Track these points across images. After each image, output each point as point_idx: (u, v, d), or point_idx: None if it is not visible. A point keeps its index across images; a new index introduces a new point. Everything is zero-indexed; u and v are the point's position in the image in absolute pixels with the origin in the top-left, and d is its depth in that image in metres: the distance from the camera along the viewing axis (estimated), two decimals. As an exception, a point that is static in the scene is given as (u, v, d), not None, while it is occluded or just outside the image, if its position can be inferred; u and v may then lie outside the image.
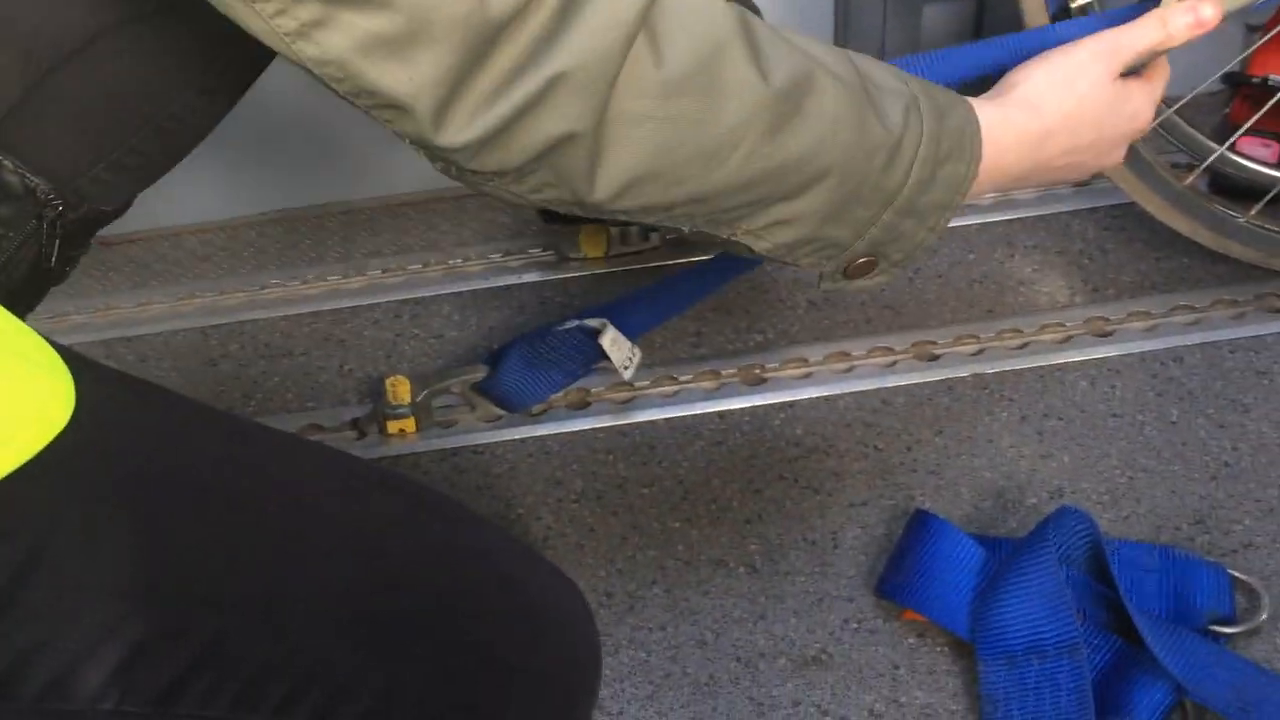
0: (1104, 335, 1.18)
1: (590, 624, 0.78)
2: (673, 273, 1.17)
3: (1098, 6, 1.02)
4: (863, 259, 0.77)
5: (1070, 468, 1.09)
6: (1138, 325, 1.19)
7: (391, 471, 0.81)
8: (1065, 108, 0.80)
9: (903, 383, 1.17)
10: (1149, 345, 1.17)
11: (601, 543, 1.08)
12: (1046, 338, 1.19)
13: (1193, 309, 1.19)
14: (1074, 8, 1.03)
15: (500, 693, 0.73)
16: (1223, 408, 1.12)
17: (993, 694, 0.93)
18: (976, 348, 1.19)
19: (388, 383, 1.16)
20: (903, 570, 1.00)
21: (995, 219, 1.28)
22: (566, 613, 0.77)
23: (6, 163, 0.70)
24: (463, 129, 0.62)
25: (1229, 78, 1.21)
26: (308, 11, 0.58)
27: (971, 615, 0.96)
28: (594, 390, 1.18)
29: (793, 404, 1.16)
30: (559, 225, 1.28)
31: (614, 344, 1.08)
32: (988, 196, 1.28)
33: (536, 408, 1.17)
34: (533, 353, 1.12)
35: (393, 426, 1.15)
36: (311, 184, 1.35)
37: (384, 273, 1.30)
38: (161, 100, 0.75)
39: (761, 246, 0.75)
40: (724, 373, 1.19)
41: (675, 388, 1.18)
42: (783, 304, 1.23)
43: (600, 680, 0.79)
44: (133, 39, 0.71)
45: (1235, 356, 1.16)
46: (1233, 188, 1.19)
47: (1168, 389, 1.14)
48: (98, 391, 0.64)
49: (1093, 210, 1.27)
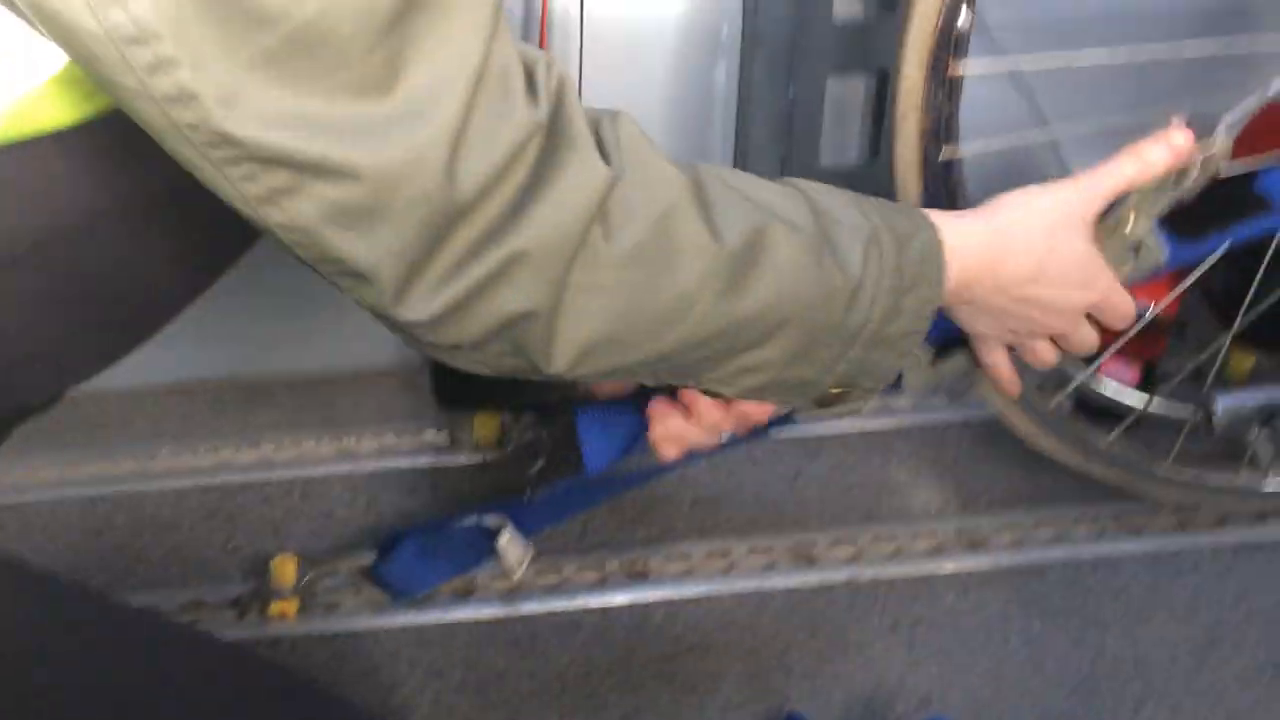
0: (974, 546, 1.23)
1: None
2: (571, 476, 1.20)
3: (963, 165, 1.05)
4: (835, 390, 0.79)
5: (938, 677, 1.13)
6: (1006, 538, 1.24)
7: (253, 658, 0.81)
8: (1033, 234, 0.81)
9: (781, 584, 1.20)
10: (1016, 559, 1.22)
11: (478, 736, 1.08)
12: (920, 546, 1.23)
13: (1057, 525, 1.25)
14: (942, 159, 1.06)
15: None
16: (1082, 624, 1.17)
17: None
18: (853, 552, 1.23)
19: (273, 563, 1.16)
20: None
21: (875, 427, 1.33)
22: None
23: None
24: (422, 303, 0.64)
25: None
26: (276, 179, 0.60)
27: None
28: (478, 579, 1.19)
29: (674, 601, 1.19)
30: (455, 410, 1.30)
31: (509, 544, 1.11)
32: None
33: (420, 594, 1.18)
34: (426, 543, 1.14)
35: (275, 608, 1.16)
36: (211, 356, 1.37)
37: (277, 448, 1.31)
38: (113, 307, 0.77)
39: (730, 393, 0.76)
40: (608, 566, 1.21)
41: (559, 579, 1.20)
42: (668, 500, 1.27)
43: None
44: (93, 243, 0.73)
45: (1095, 574, 1.21)
46: (1098, 409, 1.26)
47: (1032, 602, 1.19)
48: None
49: (967, 423, 1.33)
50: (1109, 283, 0.85)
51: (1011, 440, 1.22)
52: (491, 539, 1.12)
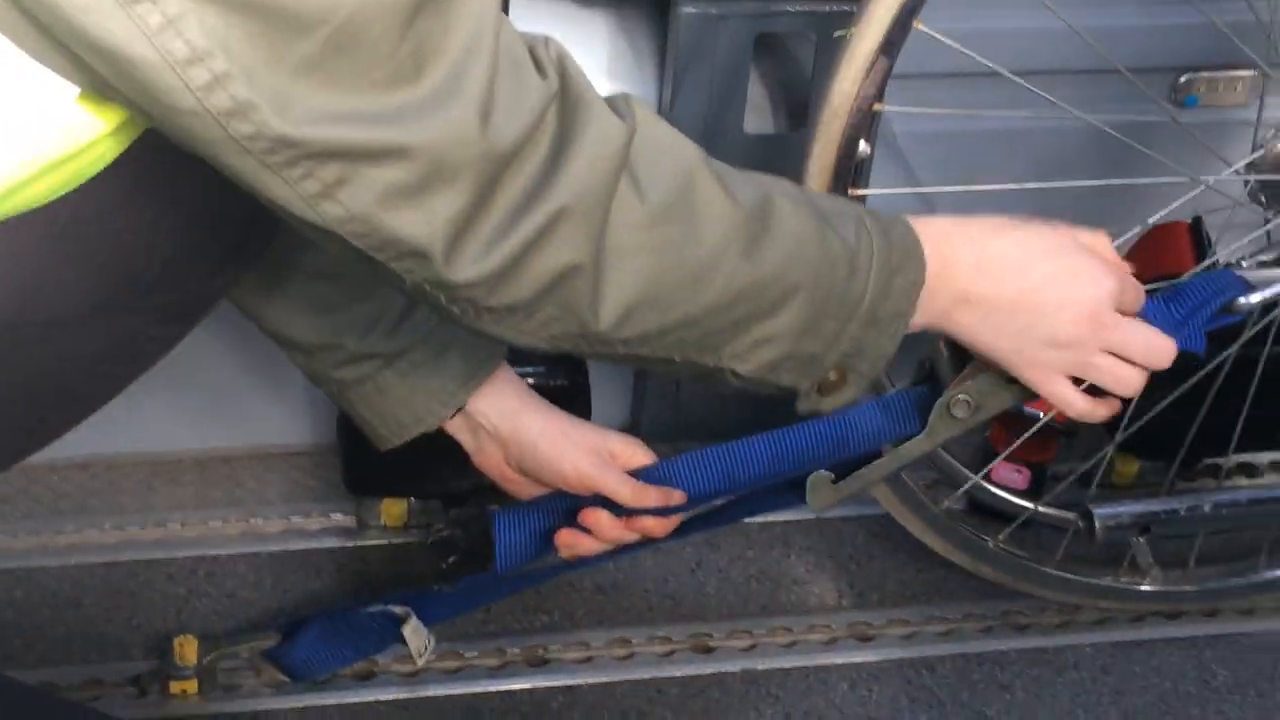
0: (865, 640, 1.27)
1: None
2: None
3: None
4: (834, 374, 0.84)
5: (828, 768, 1.16)
6: (896, 632, 1.28)
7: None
8: (999, 220, 0.86)
9: (678, 674, 1.23)
10: (906, 653, 1.26)
11: (375, 821, 1.09)
12: (814, 638, 1.27)
13: (946, 620, 1.29)
14: None
15: None
16: (968, 718, 1.21)
17: None
18: (749, 643, 1.26)
19: (175, 642, 1.16)
20: None
21: (775, 519, 1.37)
22: None
23: None
24: (476, 264, 0.69)
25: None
26: (331, 173, 0.65)
27: None
28: (380, 662, 1.21)
29: (573, 688, 1.21)
30: (363, 493, 1.32)
31: (414, 633, 1.13)
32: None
33: (321, 676, 1.19)
34: (331, 628, 1.15)
35: (175, 687, 1.16)
36: (116, 431, 1.36)
37: (182, 526, 1.31)
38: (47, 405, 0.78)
39: (746, 369, 0.81)
40: (509, 651, 1.23)
41: (459, 664, 1.22)
42: (571, 586, 1.29)
43: None
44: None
45: (982, 669, 1.25)
46: (988, 510, 1.31)
47: (919, 696, 1.22)
48: None
49: (862, 517, 1.37)
50: (1106, 273, 0.85)
51: (903, 537, 1.27)
52: (395, 625, 1.13)
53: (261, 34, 0.60)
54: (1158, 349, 0.87)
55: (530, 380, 1.15)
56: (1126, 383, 0.87)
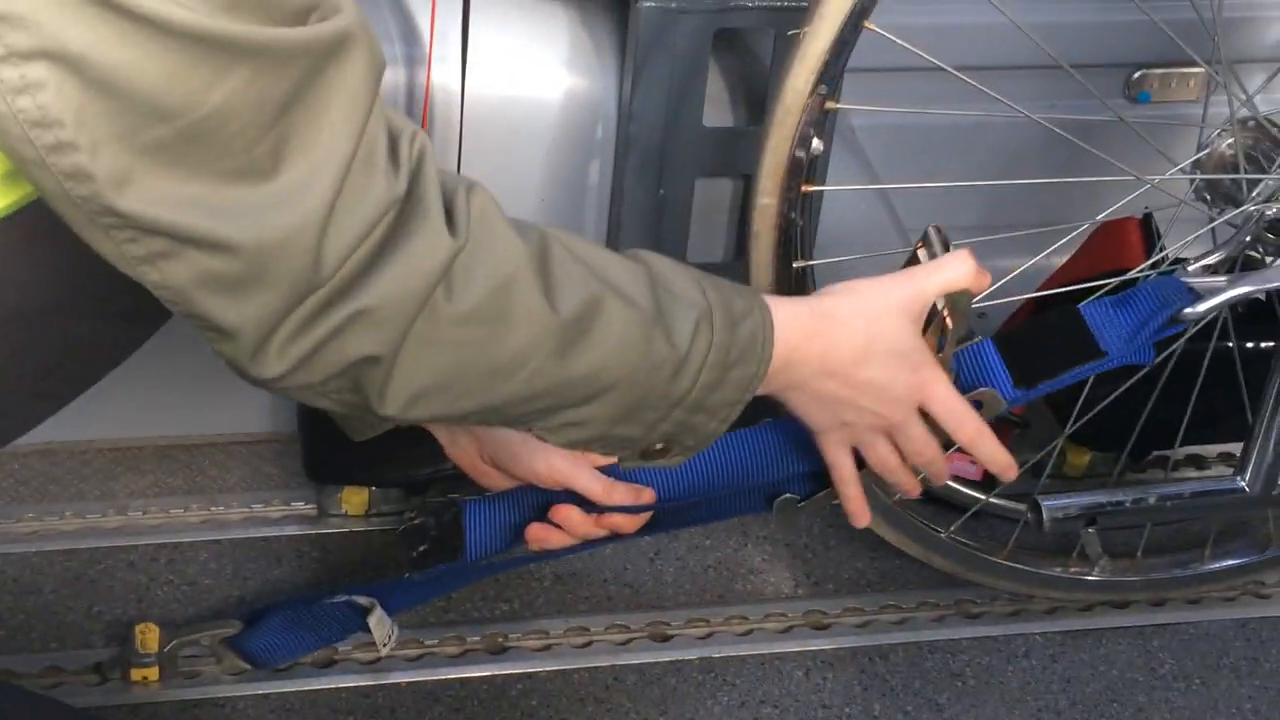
0: (821, 628, 1.29)
1: None
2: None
3: (812, 275, 1.09)
4: (658, 445, 0.85)
5: (782, 755, 1.18)
6: (851, 621, 1.30)
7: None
8: (856, 317, 0.87)
9: (635, 661, 1.24)
10: (860, 641, 1.28)
11: (333, 807, 1.10)
12: (770, 626, 1.28)
13: (900, 609, 1.31)
14: (795, 267, 1.09)
15: None
16: (920, 706, 1.23)
17: None
18: (706, 631, 1.27)
19: (137, 629, 1.17)
20: None
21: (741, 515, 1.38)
22: None
23: None
24: (275, 360, 0.70)
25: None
26: (156, 245, 0.65)
27: None
28: (341, 649, 1.22)
29: (531, 675, 1.22)
30: (324, 481, 1.33)
31: (379, 623, 1.14)
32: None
33: (283, 664, 1.20)
34: (294, 617, 1.16)
35: (136, 674, 1.17)
36: (78, 419, 1.37)
37: (144, 514, 1.32)
38: None
39: (555, 441, 0.83)
40: (468, 639, 1.24)
41: (420, 651, 1.23)
42: (530, 575, 1.30)
43: None
44: None
45: (934, 657, 1.27)
46: (941, 501, 1.33)
47: (873, 684, 1.24)
48: None
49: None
50: (936, 374, 0.91)
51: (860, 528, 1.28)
52: (359, 615, 1.14)
53: (119, 113, 0.60)
54: (929, 457, 0.95)
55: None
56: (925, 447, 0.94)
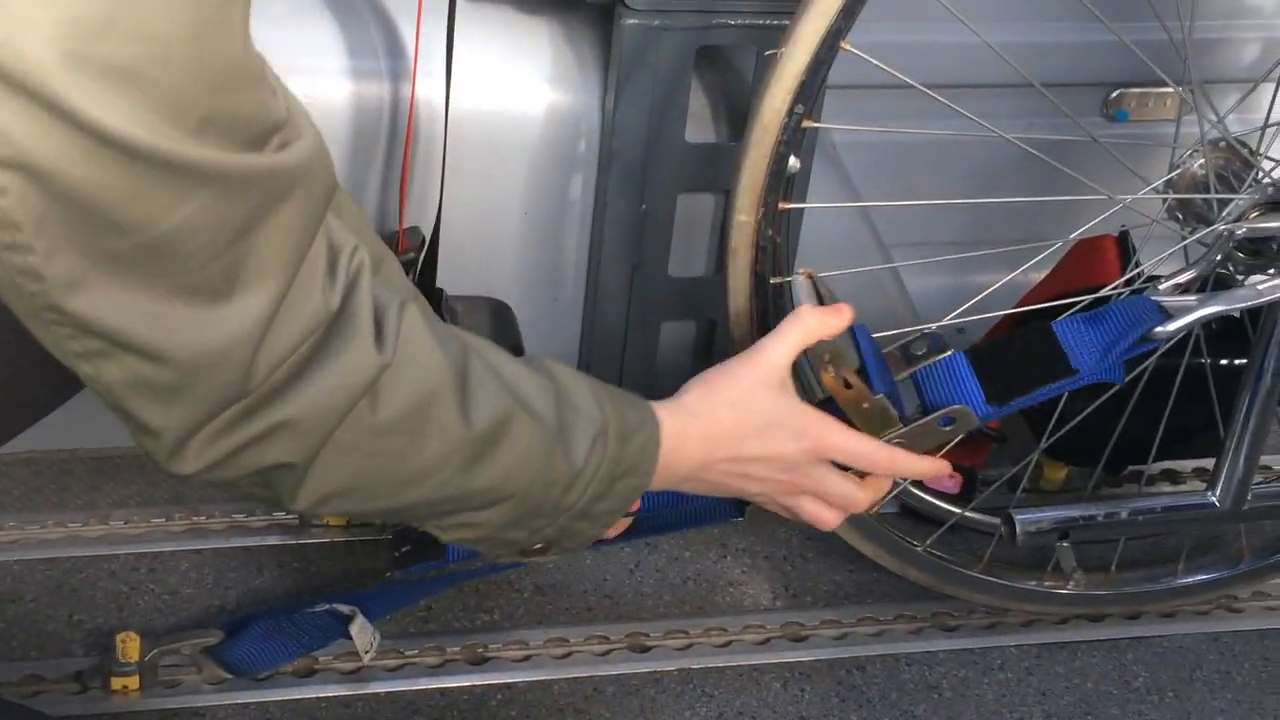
0: (798, 640, 1.30)
1: None
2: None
3: (790, 291, 1.10)
4: (538, 545, 0.88)
5: (759, 765, 1.19)
6: (829, 633, 1.31)
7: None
8: (718, 410, 0.91)
9: (614, 672, 1.25)
10: (837, 653, 1.29)
11: (312, 816, 1.11)
12: (748, 638, 1.29)
13: (877, 621, 1.32)
14: (773, 283, 1.10)
15: None
16: (896, 717, 1.24)
17: None
18: (685, 642, 1.28)
19: (118, 638, 1.17)
20: None
21: (715, 523, 1.39)
22: None
23: None
24: (191, 460, 0.71)
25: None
26: (94, 344, 0.66)
27: None
28: (321, 658, 1.22)
29: (511, 686, 1.23)
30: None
31: (360, 631, 1.15)
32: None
33: (263, 673, 1.20)
34: (275, 626, 1.16)
35: (117, 683, 1.17)
36: (59, 428, 1.37)
37: (126, 523, 1.32)
38: None
39: (445, 539, 0.86)
40: (449, 650, 1.25)
41: (400, 661, 1.23)
42: (510, 586, 1.31)
43: None
44: None
45: (911, 669, 1.28)
46: (918, 514, 1.34)
47: (850, 696, 1.25)
48: None
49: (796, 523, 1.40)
50: (823, 428, 0.93)
51: (837, 539, 1.29)
52: (341, 623, 1.15)
53: (79, 223, 0.61)
54: (857, 501, 0.97)
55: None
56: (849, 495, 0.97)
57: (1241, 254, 1.09)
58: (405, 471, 0.78)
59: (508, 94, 1.28)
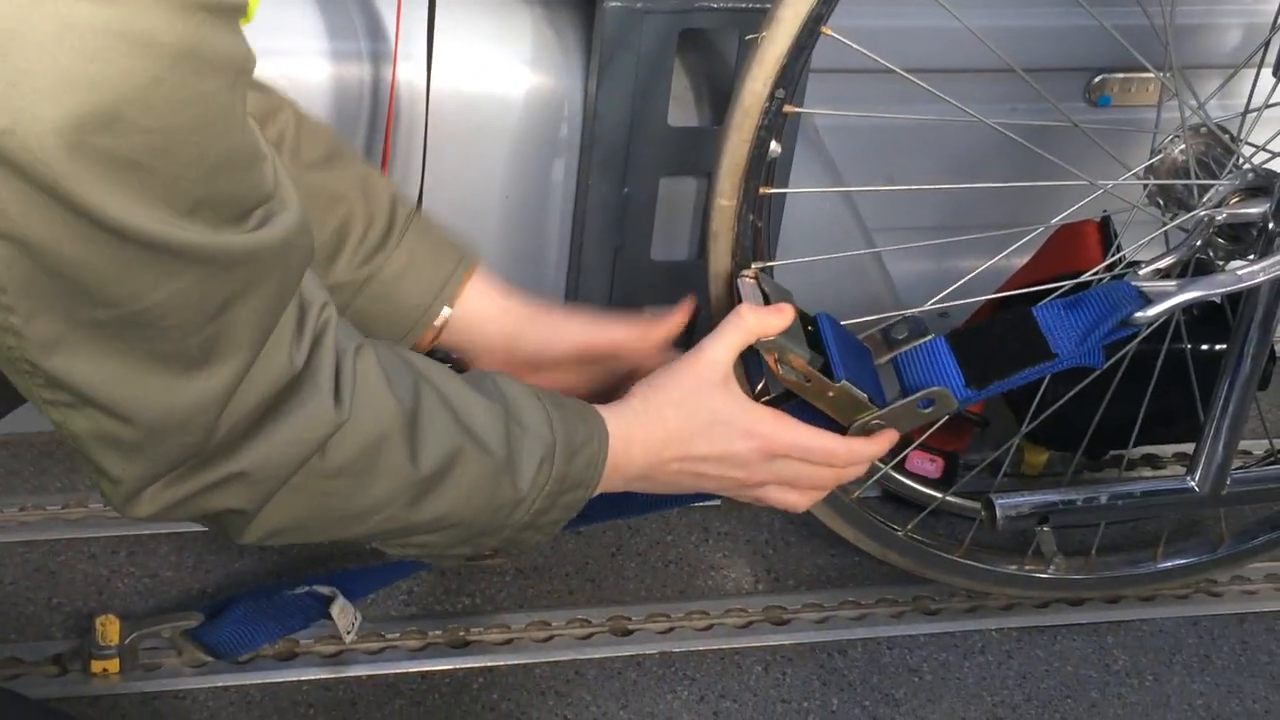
0: (780, 624, 1.30)
1: None
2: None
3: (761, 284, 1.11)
4: (485, 553, 0.91)
5: (739, 749, 1.19)
6: (810, 616, 1.31)
7: (61, 714, 0.84)
8: (664, 411, 0.91)
9: (596, 655, 1.25)
10: (819, 636, 1.29)
11: (293, 799, 1.11)
12: (730, 621, 1.30)
13: (859, 605, 1.32)
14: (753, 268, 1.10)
15: None
16: (877, 701, 1.24)
17: None
18: (667, 626, 1.29)
19: (98, 621, 1.17)
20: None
21: (694, 506, 1.39)
22: None
23: None
24: (145, 505, 0.73)
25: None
26: (64, 397, 0.68)
27: None
28: (302, 642, 1.22)
29: (492, 669, 1.23)
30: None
31: (342, 612, 1.16)
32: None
33: (244, 655, 1.20)
34: (256, 608, 1.16)
35: (96, 666, 1.17)
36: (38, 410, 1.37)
37: (105, 506, 1.32)
38: None
39: (392, 554, 0.89)
40: (430, 633, 1.25)
41: (381, 645, 1.24)
42: (492, 570, 1.31)
43: None
44: None
45: (892, 653, 1.29)
46: (899, 499, 1.34)
47: (831, 679, 1.26)
48: None
49: (779, 505, 1.40)
50: (774, 425, 0.94)
51: (819, 523, 1.30)
52: (322, 605, 1.15)
53: (64, 292, 0.63)
54: (824, 480, 0.98)
55: (450, 365, 1.17)
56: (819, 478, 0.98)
57: (1222, 239, 1.10)
58: (352, 510, 0.80)
59: (489, 77, 1.27)
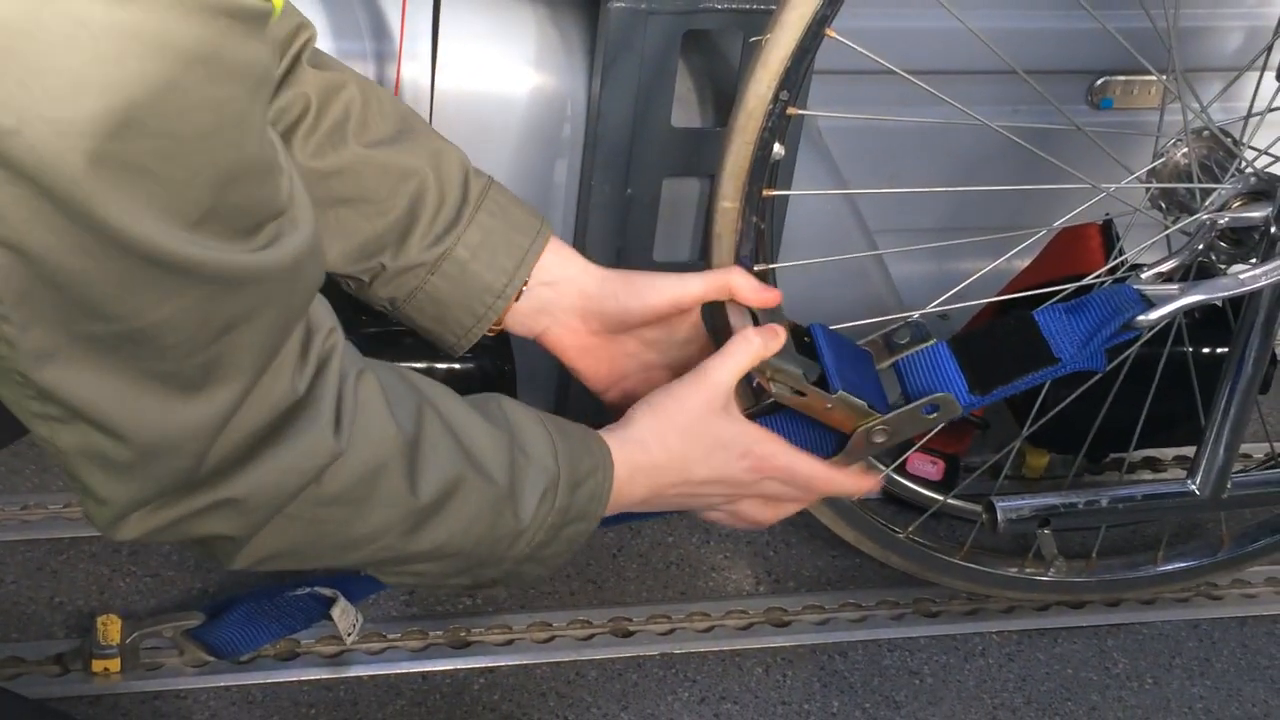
0: (781, 625, 1.30)
1: None
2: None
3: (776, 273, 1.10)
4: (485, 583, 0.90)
5: (740, 750, 1.19)
6: (811, 618, 1.31)
7: (58, 714, 0.84)
8: (667, 438, 0.91)
9: (597, 656, 1.25)
10: (819, 638, 1.29)
11: (293, 799, 1.11)
12: (730, 623, 1.30)
13: (860, 607, 1.32)
14: (756, 270, 1.10)
15: None
16: (877, 703, 1.24)
17: None
18: (668, 628, 1.29)
19: (99, 621, 1.17)
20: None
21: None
22: None
23: None
24: (131, 529, 0.72)
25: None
26: (55, 410, 0.66)
27: None
28: (303, 642, 1.22)
29: (493, 670, 1.23)
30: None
31: (343, 613, 1.15)
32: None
33: (245, 655, 1.20)
34: (257, 609, 1.16)
35: (97, 665, 1.17)
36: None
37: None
38: None
39: (388, 582, 0.88)
40: (431, 634, 1.25)
41: (383, 645, 1.24)
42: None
43: None
44: None
45: (893, 655, 1.29)
46: (901, 501, 1.34)
47: (832, 681, 1.26)
48: None
49: (781, 506, 1.40)
50: (767, 447, 0.94)
51: (819, 525, 1.30)
52: (323, 606, 1.15)
53: (62, 304, 0.61)
54: (803, 498, 1.00)
55: (455, 366, 1.17)
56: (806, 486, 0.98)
57: (1224, 243, 1.10)
58: (347, 537, 0.79)
59: (493, 77, 1.27)
